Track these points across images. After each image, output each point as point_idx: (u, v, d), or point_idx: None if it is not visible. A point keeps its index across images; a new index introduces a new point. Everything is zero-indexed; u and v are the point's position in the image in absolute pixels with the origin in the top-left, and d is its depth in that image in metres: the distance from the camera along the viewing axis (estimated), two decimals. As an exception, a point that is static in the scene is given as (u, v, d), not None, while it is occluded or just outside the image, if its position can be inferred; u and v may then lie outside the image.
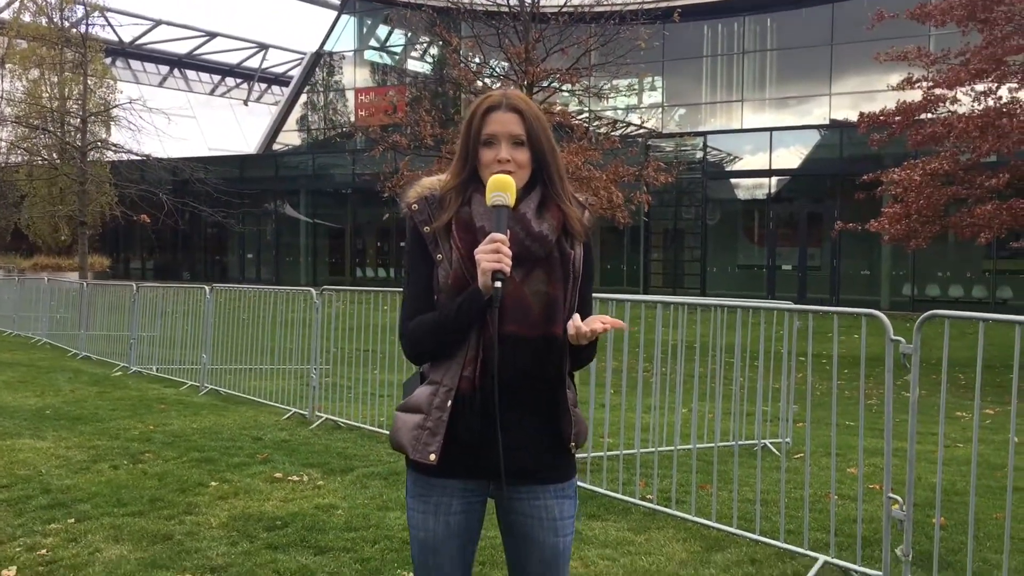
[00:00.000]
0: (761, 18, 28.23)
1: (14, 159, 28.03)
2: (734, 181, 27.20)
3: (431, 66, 34.77)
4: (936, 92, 13.55)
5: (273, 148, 36.76)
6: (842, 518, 4.72)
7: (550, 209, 2.18)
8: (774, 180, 25.97)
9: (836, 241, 22.61)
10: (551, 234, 2.15)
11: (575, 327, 2.05)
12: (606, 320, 2.06)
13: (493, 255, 2.01)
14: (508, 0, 16.71)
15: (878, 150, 16.76)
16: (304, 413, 8.00)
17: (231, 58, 49.58)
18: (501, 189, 2.07)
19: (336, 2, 37.03)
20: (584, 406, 5.25)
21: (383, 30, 36.02)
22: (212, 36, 46.59)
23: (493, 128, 2.15)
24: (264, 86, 52.66)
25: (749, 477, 5.46)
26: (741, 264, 27.14)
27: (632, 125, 28.07)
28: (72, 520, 4.76)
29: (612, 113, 27.46)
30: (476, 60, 17.87)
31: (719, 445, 5.48)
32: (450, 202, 2.17)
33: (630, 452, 5.69)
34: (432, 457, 2.09)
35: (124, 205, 22.37)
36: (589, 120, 19.73)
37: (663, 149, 25.76)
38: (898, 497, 3.87)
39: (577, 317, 2.07)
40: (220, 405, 8.70)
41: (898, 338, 3.88)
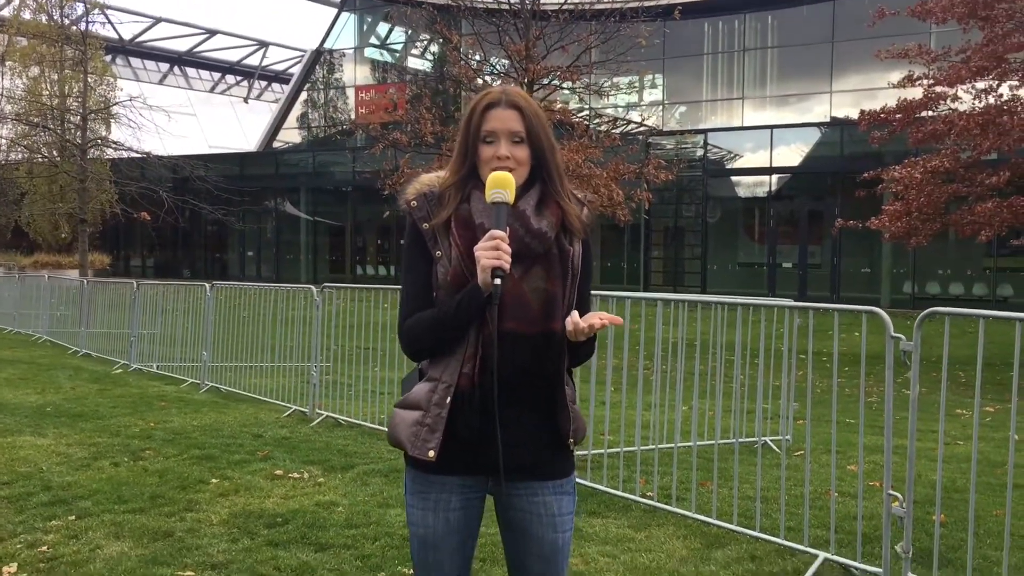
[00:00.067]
0: (762, 15, 28.21)
1: (14, 157, 28.05)
2: (735, 179, 27.19)
3: (431, 64, 34.77)
4: (937, 90, 13.53)
5: (273, 146, 36.75)
6: (842, 515, 4.72)
7: (549, 206, 2.18)
8: (775, 178, 25.97)
9: (837, 239, 22.60)
10: (550, 231, 2.15)
11: (573, 323, 2.04)
12: (604, 316, 2.06)
13: (493, 252, 2.01)
14: (508, -3, 16.72)
15: (879, 148, 16.76)
16: (304, 410, 8.00)
17: (231, 55, 49.58)
18: (501, 186, 2.07)
19: (336, -1, 37.04)
20: (585, 403, 5.26)
21: (383, 27, 36.01)
22: (212, 34, 46.58)
23: (492, 125, 2.15)
24: (264, 84, 52.64)
25: (749, 474, 5.46)
26: (742, 262, 27.12)
27: (633, 123, 28.08)
28: (73, 517, 4.76)
29: (613, 111, 27.47)
30: (476, 58, 17.86)
31: (719, 442, 5.48)
32: (449, 199, 2.16)
33: (630, 449, 5.69)
34: (431, 454, 2.09)
35: (124, 203, 22.37)
36: (590, 118, 19.73)
37: (664, 147, 25.75)
38: (898, 494, 3.88)
39: (575, 313, 2.07)
40: (221, 402, 8.71)
41: (898, 335, 3.88)
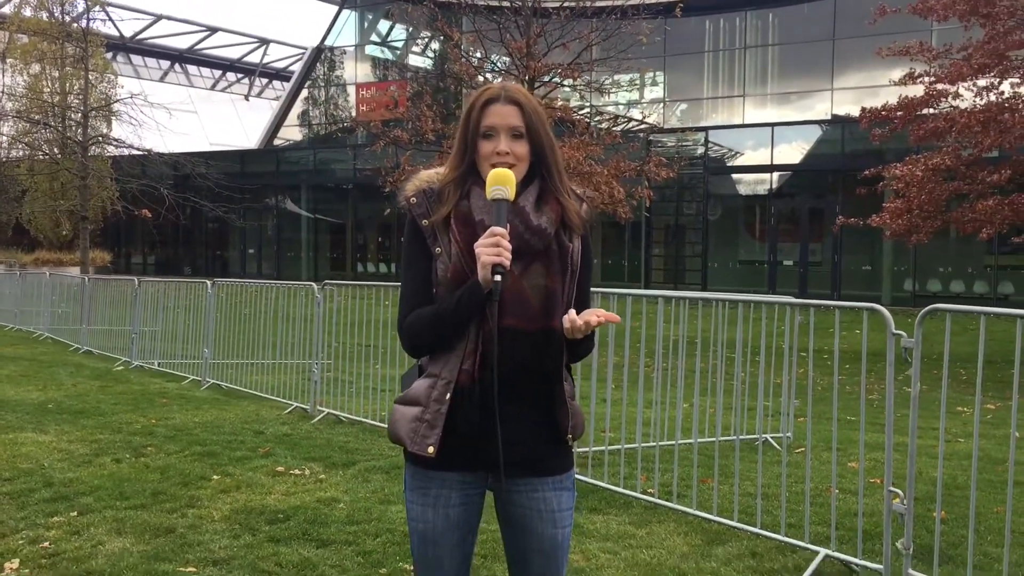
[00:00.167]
0: (763, 13, 28.18)
1: (15, 154, 28.08)
2: (735, 176, 27.17)
3: (432, 61, 34.73)
4: (938, 87, 13.53)
5: (274, 143, 36.74)
6: (843, 512, 4.72)
7: (548, 202, 2.18)
8: (775, 175, 25.94)
9: (837, 236, 22.58)
10: (550, 227, 2.15)
11: (570, 321, 2.04)
12: (601, 314, 2.06)
13: (493, 248, 2.01)
14: (509, -5, 16.71)
15: (880, 145, 16.74)
16: (306, 408, 8.01)
17: (232, 53, 49.55)
18: (501, 183, 2.06)
19: (337, -3, 36.97)
20: (585, 401, 5.26)
21: (384, 25, 36.00)
22: (213, 31, 46.56)
23: (492, 120, 2.15)
24: (265, 81, 52.61)
25: (750, 471, 5.47)
26: (742, 260, 27.10)
27: (633, 120, 28.05)
28: (75, 513, 4.77)
29: (613, 108, 27.48)
30: (477, 55, 17.84)
31: (720, 440, 5.48)
32: (449, 195, 2.16)
33: (631, 446, 5.70)
34: (430, 450, 2.10)
35: (125, 200, 22.40)
36: (590, 115, 19.72)
37: (664, 144, 25.74)
38: (899, 491, 3.88)
39: (572, 311, 2.06)
40: (222, 399, 8.71)
41: (899, 332, 3.88)
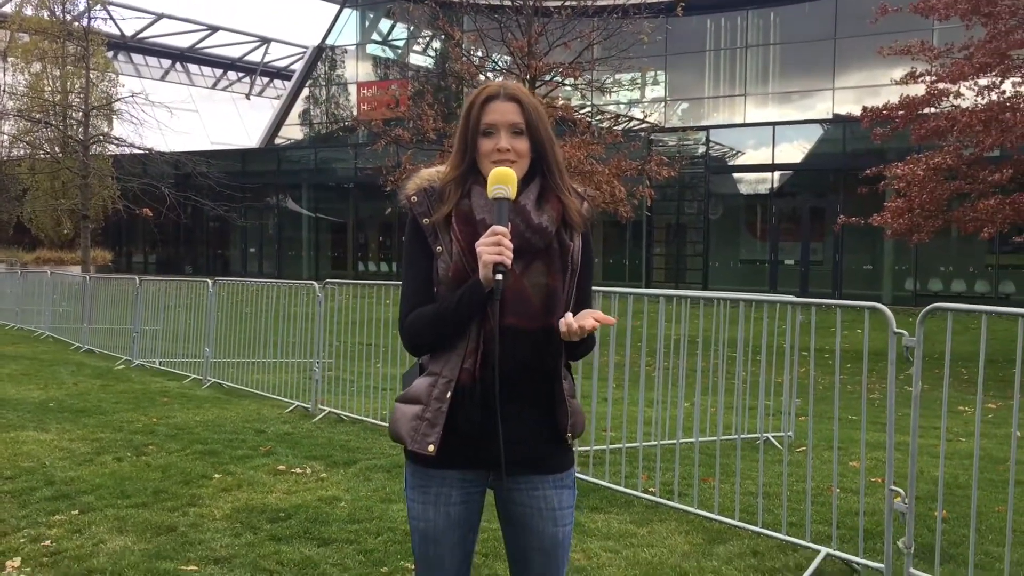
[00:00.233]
0: (764, 12, 28.17)
1: (17, 153, 28.09)
2: (737, 176, 27.17)
3: (433, 60, 34.72)
4: (939, 86, 13.52)
5: (275, 142, 36.75)
6: (844, 511, 4.72)
7: (549, 200, 2.18)
8: (777, 175, 25.93)
9: (839, 236, 22.57)
10: (551, 226, 2.15)
11: (566, 324, 2.03)
12: (597, 316, 2.05)
13: (494, 247, 2.01)
14: (511, -6, 16.70)
15: (881, 144, 16.73)
16: (307, 406, 8.01)
17: (233, 52, 49.57)
18: (502, 182, 2.06)
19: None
20: (587, 400, 5.27)
21: (385, 24, 35.99)
22: (214, 30, 46.58)
23: (492, 117, 2.15)
24: (266, 80, 52.64)
25: (751, 470, 5.47)
26: (743, 259, 27.09)
27: (635, 119, 28.04)
28: (76, 512, 4.77)
29: (615, 107, 27.47)
30: (479, 54, 17.84)
31: (721, 439, 5.49)
32: (450, 194, 2.16)
33: (632, 445, 5.70)
34: (431, 448, 2.10)
35: (126, 199, 22.42)
36: (592, 114, 19.71)
37: (666, 143, 25.73)
38: (900, 490, 3.88)
39: (569, 315, 2.05)
40: (223, 398, 8.72)
41: (901, 331, 3.88)
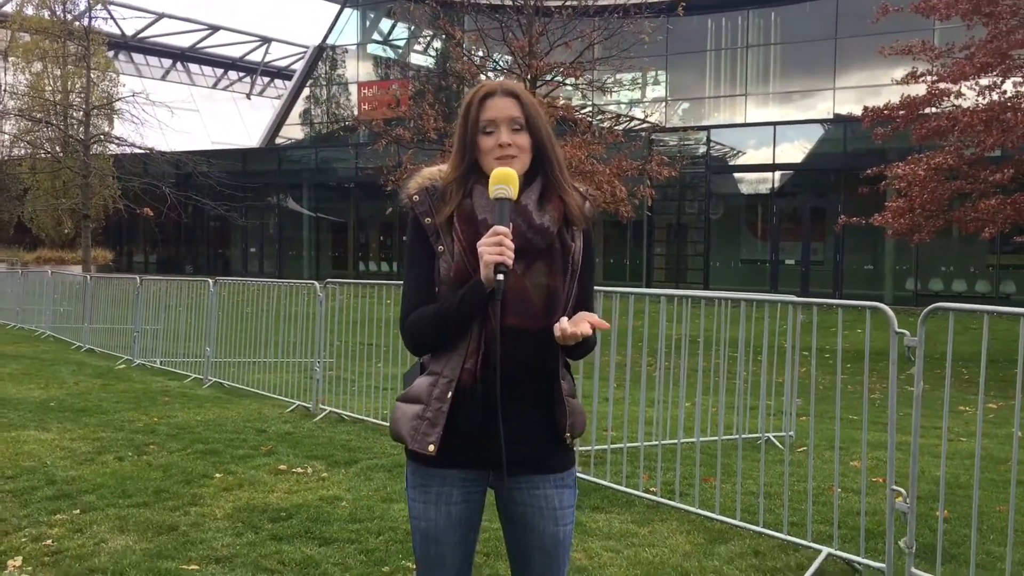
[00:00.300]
0: (765, 12, 28.16)
1: (17, 152, 28.09)
2: (737, 175, 27.17)
3: (434, 60, 34.73)
4: (940, 86, 13.51)
5: (276, 142, 36.76)
6: (845, 511, 4.72)
7: (551, 200, 2.18)
8: (777, 174, 25.93)
9: (839, 236, 22.57)
10: (552, 226, 2.15)
11: (560, 330, 2.02)
12: (593, 320, 2.05)
13: (496, 248, 2.00)
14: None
15: (882, 144, 16.73)
16: (308, 406, 8.01)
17: (234, 51, 49.60)
18: (504, 182, 2.06)
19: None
20: (587, 400, 5.26)
21: (386, 24, 35.98)
22: (215, 29, 46.59)
23: (491, 114, 2.15)
24: (267, 80, 52.65)
25: (752, 470, 5.47)
26: (744, 259, 27.10)
27: (636, 119, 28.04)
28: (77, 511, 4.77)
29: (616, 107, 27.45)
30: (480, 54, 17.83)
31: (722, 438, 5.49)
32: (451, 194, 2.16)
33: (634, 445, 5.70)
34: (431, 448, 2.10)
35: (127, 198, 22.40)
36: (592, 114, 19.71)
37: (667, 143, 25.72)
38: (902, 490, 3.88)
39: (564, 320, 2.04)
40: (224, 398, 8.72)
41: (903, 331, 3.88)
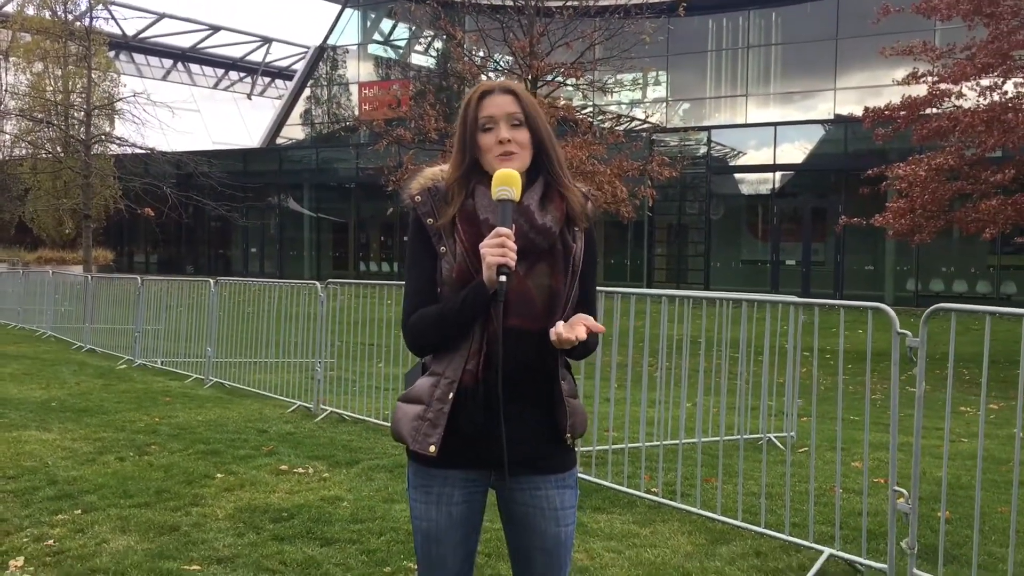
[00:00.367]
0: (766, 12, 28.16)
1: (18, 152, 28.11)
2: (738, 176, 27.16)
3: (435, 60, 34.73)
4: (941, 87, 13.51)
5: (277, 142, 36.76)
6: (847, 511, 4.72)
7: (553, 200, 2.18)
8: (778, 175, 25.93)
9: (840, 236, 22.57)
10: (555, 226, 2.15)
11: (556, 334, 2.02)
12: (588, 323, 2.05)
13: (498, 249, 2.00)
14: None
15: (883, 145, 16.73)
16: (309, 406, 8.01)
17: (235, 52, 49.64)
18: (507, 183, 2.06)
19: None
20: (588, 400, 5.26)
21: (387, 24, 35.98)
22: (216, 30, 46.63)
23: (490, 110, 2.15)
24: (268, 80, 52.68)
25: (754, 471, 5.47)
26: (745, 259, 27.09)
27: (636, 120, 28.03)
28: (79, 511, 4.77)
29: (616, 107, 27.44)
30: (480, 54, 17.83)
31: (724, 439, 5.48)
32: (453, 195, 2.16)
33: (635, 446, 5.70)
34: (432, 449, 2.10)
35: (128, 199, 22.40)
36: (593, 115, 19.70)
37: (667, 144, 25.73)
38: (903, 490, 3.88)
39: (560, 324, 2.04)
40: (225, 398, 8.72)
41: (905, 332, 3.88)
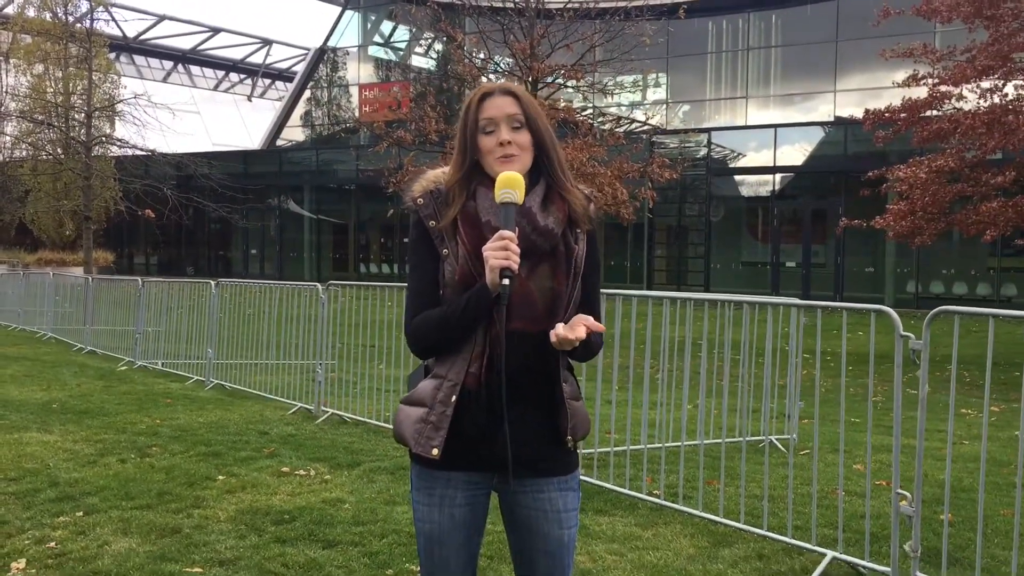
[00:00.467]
0: (766, 14, 28.17)
1: (19, 154, 28.13)
2: (738, 178, 27.16)
3: (435, 62, 34.74)
4: (942, 89, 13.51)
5: (277, 144, 36.76)
6: (850, 514, 4.71)
7: (555, 201, 2.17)
8: (778, 177, 25.93)
9: (841, 238, 22.57)
10: (557, 228, 2.15)
11: (556, 336, 2.02)
12: (589, 324, 2.05)
13: (501, 252, 2.00)
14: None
15: (883, 147, 16.74)
16: (310, 408, 8.00)
17: (235, 53, 49.65)
18: (510, 186, 2.05)
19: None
20: (590, 402, 5.26)
21: (387, 26, 36.00)
22: (216, 31, 46.65)
23: (490, 113, 2.14)
24: (268, 82, 52.70)
25: (756, 473, 5.46)
26: (745, 261, 27.10)
27: (636, 122, 28.04)
28: (80, 513, 4.77)
29: (616, 109, 27.45)
30: (481, 56, 17.84)
31: (726, 441, 5.47)
32: (455, 198, 2.15)
33: (637, 448, 5.69)
34: (434, 452, 2.10)
35: (129, 200, 22.43)
36: (593, 117, 19.70)
37: (667, 145, 25.73)
38: (906, 493, 3.87)
39: (560, 326, 2.04)
40: (226, 400, 8.71)
41: (907, 334, 3.87)
